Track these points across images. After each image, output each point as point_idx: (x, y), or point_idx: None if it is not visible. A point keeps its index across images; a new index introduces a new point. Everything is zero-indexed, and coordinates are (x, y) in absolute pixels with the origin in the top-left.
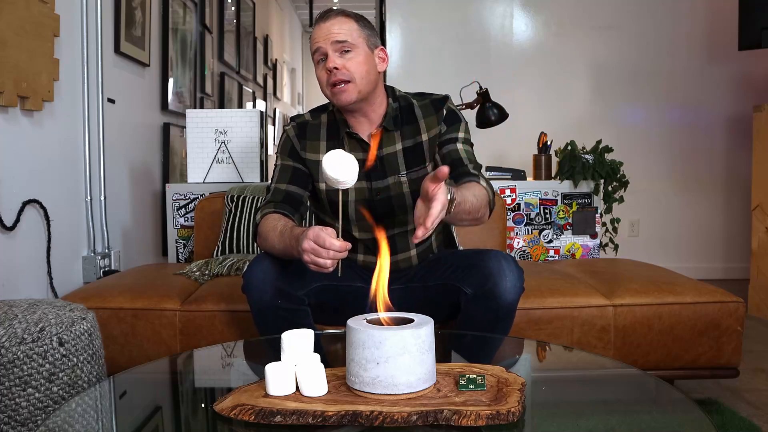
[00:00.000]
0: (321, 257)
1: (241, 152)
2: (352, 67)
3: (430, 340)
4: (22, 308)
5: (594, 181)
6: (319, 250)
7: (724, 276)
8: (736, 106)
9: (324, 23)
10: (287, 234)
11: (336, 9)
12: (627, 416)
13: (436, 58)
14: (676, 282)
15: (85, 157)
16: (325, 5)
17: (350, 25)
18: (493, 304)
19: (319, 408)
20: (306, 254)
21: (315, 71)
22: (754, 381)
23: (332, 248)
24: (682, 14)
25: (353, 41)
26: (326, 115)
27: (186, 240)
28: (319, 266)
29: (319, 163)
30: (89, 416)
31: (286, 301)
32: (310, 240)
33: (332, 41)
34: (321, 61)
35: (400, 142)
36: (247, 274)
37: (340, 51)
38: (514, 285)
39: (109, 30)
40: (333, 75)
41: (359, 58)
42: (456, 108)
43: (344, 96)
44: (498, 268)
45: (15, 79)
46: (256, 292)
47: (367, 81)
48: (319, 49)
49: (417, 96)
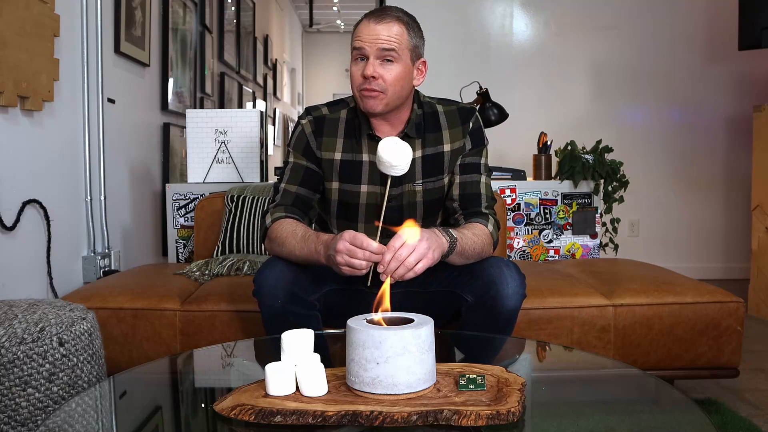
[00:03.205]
0: (356, 258)
1: (241, 152)
2: (389, 80)
3: (430, 340)
4: (22, 308)
5: (594, 181)
6: (355, 250)
7: (724, 276)
8: (736, 106)
9: (376, 24)
10: (312, 239)
11: (393, 10)
12: (627, 416)
13: (436, 58)
14: (676, 282)
15: (85, 157)
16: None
17: (400, 31)
18: (494, 311)
19: (319, 408)
20: (340, 255)
21: (350, 67)
22: (754, 381)
23: (369, 249)
24: (682, 14)
25: (399, 52)
26: (346, 111)
27: (186, 240)
28: (353, 267)
29: (332, 162)
30: (89, 416)
31: (298, 306)
32: (346, 241)
33: (378, 48)
34: (360, 60)
35: (420, 149)
36: (259, 279)
37: (382, 59)
38: (516, 292)
39: (109, 30)
40: (367, 82)
41: (398, 70)
42: (482, 124)
43: (371, 103)
44: (500, 275)
45: (15, 79)
46: (268, 297)
47: (398, 95)
48: (361, 48)
49: (442, 102)
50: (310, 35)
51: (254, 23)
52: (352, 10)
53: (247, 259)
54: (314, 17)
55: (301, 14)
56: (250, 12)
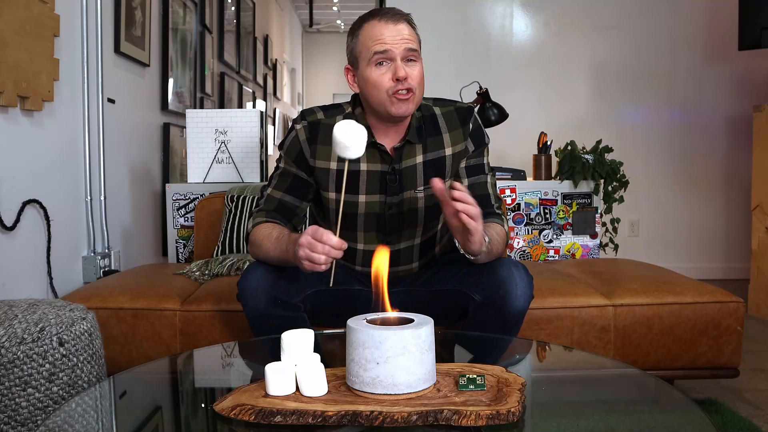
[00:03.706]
0: (316, 251)
1: (241, 152)
2: (417, 79)
3: (430, 340)
4: (22, 308)
5: (594, 181)
6: (314, 244)
7: (724, 276)
8: (736, 106)
9: (395, 25)
10: (284, 239)
11: (395, 9)
12: (627, 416)
13: (436, 58)
14: (676, 282)
15: (85, 157)
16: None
17: (412, 30)
18: (502, 311)
19: (319, 408)
20: (301, 249)
21: (366, 71)
22: (754, 381)
23: (328, 243)
24: (682, 14)
25: (419, 50)
26: (342, 117)
27: (186, 240)
28: (312, 262)
29: (328, 171)
30: (89, 416)
31: (281, 309)
32: (308, 234)
33: (406, 48)
34: (383, 63)
35: (422, 155)
36: (241, 283)
37: (406, 59)
38: (525, 293)
39: (109, 30)
40: (401, 83)
41: (420, 68)
42: (481, 123)
43: (406, 106)
44: (509, 275)
45: (15, 79)
46: (250, 300)
47: (422, 93)
48: (387, 51)
49: (438, 103)
50: (310, 35)
51: (254, 23)
52: (352, 10)
53: (247, 259)
54: (314, 17)
55: (301, 14)
56: (250, 12)
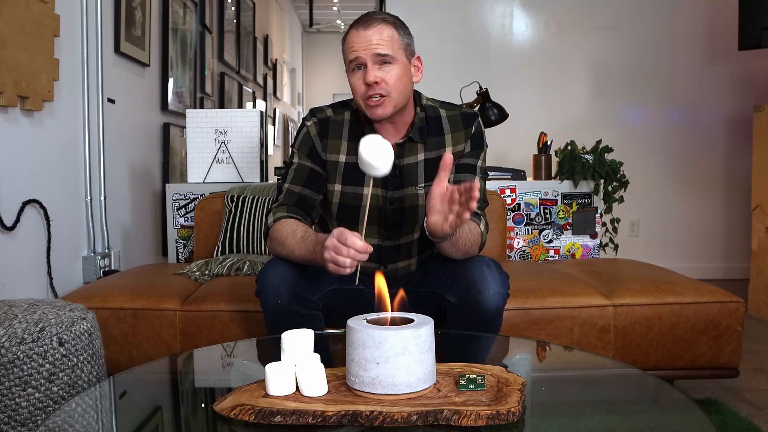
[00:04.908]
0: (341, 255)
1: (241, 152)
2: (391, 81)
3: (430, 340)
4: (22, 308)
5: (594, 181)
6: (339, 247)
7: (724, 276)
8: (736, 106)
9: (365, 31)
10: (311, 239)
11: (377, 14)
12: (627, 416)
13: (436, 58)
14: (676, 282)
15: (85, 157)
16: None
17: (391, 33)
18: (477, 311)
19: (319, 408)
20: (327, 251)
21: (348, 78)
22: (754, 381)
23: (353, 246)
24: (682, 14)
25: (393, 53)
26: (350, 113)
27: (186, 240)
28: (337, 265)
29: (337, 163)
30: (89, 416)
31: (301, 306)
32: (333, 237)
33: (373, 53)
34: (357, 69)
35: (423, 153)
36: (262, 279)
37: (379, 63)
38: (497, 292)
39: (109, 30)
40: (371, 89)
41: (398, 70)
42: (483, 129)
43: (380, 110)
44: (480, 275)
45: (15, 79)
46: (271, 296)
47: (403, 95)
48: (357, 58)
49: (445, 106)
50: (310, 35)
51: (254, 23)
52: (352, 10)
53: (247, 259)
54: (314, 17)
55: (301, 14)
56: (250, 12)
